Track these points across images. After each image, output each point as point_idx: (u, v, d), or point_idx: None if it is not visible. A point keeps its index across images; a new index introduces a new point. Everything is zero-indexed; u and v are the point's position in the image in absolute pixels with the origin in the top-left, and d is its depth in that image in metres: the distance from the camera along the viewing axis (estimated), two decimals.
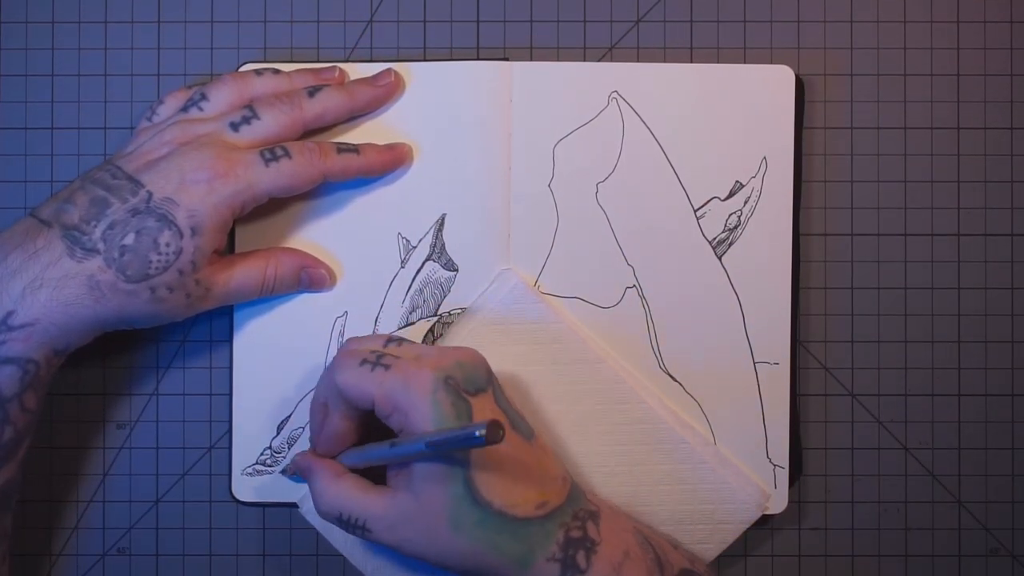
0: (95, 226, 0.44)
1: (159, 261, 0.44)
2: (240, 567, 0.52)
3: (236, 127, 0.47)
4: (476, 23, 0.53)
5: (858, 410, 0.53)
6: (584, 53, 0.52)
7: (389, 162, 0.50)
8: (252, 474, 0.51)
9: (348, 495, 0.45)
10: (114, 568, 0.52)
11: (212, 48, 0.52)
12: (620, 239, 0.51)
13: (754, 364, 0.51)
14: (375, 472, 0.46)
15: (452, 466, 0.42)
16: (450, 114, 0.51)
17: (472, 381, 0.44)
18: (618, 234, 0.51)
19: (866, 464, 0.53)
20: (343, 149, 0.49)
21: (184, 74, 0.52)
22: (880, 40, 0.53)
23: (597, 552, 0.44)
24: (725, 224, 0.51)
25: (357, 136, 0.51)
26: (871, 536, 0.53)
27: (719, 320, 0.51)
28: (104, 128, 0.52)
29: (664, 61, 0.52)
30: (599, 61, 0.52)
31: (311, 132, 0.49)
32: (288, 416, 0.51)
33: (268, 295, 0.50)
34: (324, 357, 0.51)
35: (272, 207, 0.50)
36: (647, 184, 0.51)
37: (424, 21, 0.53)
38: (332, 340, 0.51)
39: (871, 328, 0.52)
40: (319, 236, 0.51)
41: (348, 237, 0.51)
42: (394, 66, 0.51)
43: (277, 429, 0.51)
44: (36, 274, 0.43)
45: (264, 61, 0.52)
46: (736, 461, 0.51)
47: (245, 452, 0.51)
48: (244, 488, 0.51)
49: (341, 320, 0.51)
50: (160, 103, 0.49)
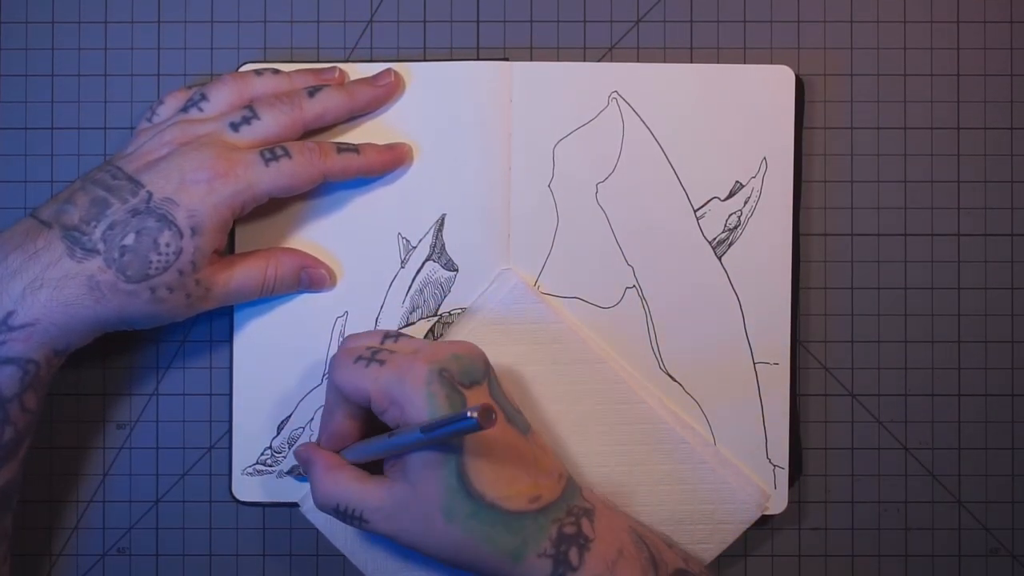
0: (95, 226, 0.44)
1: (159, 261, 0.44)
2: (240, 567, 0.52)
3: (236, 127, 0.47)
4: (476, 23, 0.53)
5: (858, 410, 0.53)
6: (584, 53, 0.52)
7: (389, 162, 0.50)
8: (252, 474, 0.51)
9: (345, 485, 0.45)
10: (114, 568, 0.52)
11: (212, 48, 0.52)
12: (620, 239, 0.51)
13: (754, 364, 0.51)
14: (374, 467, 0.46)
15: (446, 457, 0.42)
16: (450, 114, 0.51)
17: (468, 374, 0.44)
18: (618, 234, 0.51)
19: (866, 464, 0.53)
20: (343, 149, 0.49)
21: (184, 74, 0.52)
22: (880, 40, 0.53)
23: (591, 549, 0.44)
24: (725, 224, 0.51)
25: (357, 136, 0.51)
26: (871, 536, 0.53)
27: (719, 320, 0.51)
28: (104, 128, 0.52)
29: (664, 61, 0.52)
30: (599, 61, 0.52)
31: (311, 132, 0.49)
32: (288, 416, 0.51)
33: (268, 295, 0.50)
34: (324, 357, 0.51)
35: (272, 207, 0.50)
36: (647, 184, 0.51)
37: (424, 21, 0.53)
38: (332, 340, 0.51)
39: (871, 328, 0.52)
40: (319, 236, 0.51)
41: (348, 237, 0.51)
42: (394, 66, 0.51)
43: (277, 429, 0.51)
44: (36, 274, 0.43)
45: (264, 61, 0.52)
46: (736, 461, 0.51)
47: (245, 452, 0.51)
48: (244, 488, 0.51)
49: (341, 320, 0.51)
50: (160, 103, 0.49)
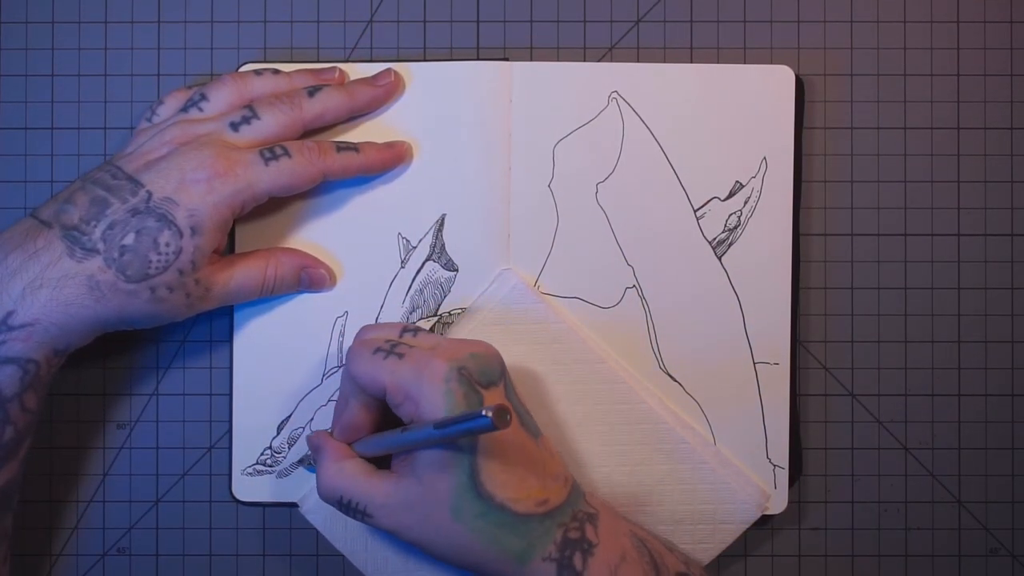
0: (95, 226, 0.44)
1: (159, 261, 0.44)
2: (240, 567, 0.52)
3: (236, 127, 0.47)
4: (476, 23, 0.53)
5: (858, 410, 0.53)
6: (584, 53, 0.52)
7: (389, 160, 0.50)
8: (252, 474, 0.51)
9: (352, 477, 0.45)
10: (114, 568, 0.52)
11: (212, 48, 0.52)
12: (620, 239, 0.51)
13: (754, 364, 0.51)
14: (381, 463, 0.46)
15: (458, 456, 0.42)
16: (450, 114, 0.51)
17: (485, 374, 0.44)
18: (618, 234, 0.51)
19: (866, 464, 0.53)
20: (343, 148, 0.49)
21: (184, 74, 0.52)
22: (880, 40, 0.53)
23: (594, 555, 0.44)
24: (725, 224, 0.51)
25: (357, 136, 0.51)
26: (871, 536, 0.53)
27: (719, 320, 0.51)
28: (104, 128, 0.52)
29: (664, 61, 0.52)
30: (599, 61, 0.52)
31: (311, 132, 0.49)
32: (288, 416, 0.51)
33: (268, 295, 0.50)
34: (324, 357, 0.51)
35: (272, 207, 0.50)
36: (647, 184, 0.51)
37: (424, 21, 0.53)
38: (332, 340, 0.51)
39: (871, 328, 0.52)
40: (319, 236, 0.51)
41: (348, 237, 0.51)
42: (394, 66, 0.51)
43: (277, 429, 0.51)
44: (36, 274, 0.43)
45: (264, 61, 0.52)
46: (736, 461, 0.51)
47: (245, 452, 0.51)
48: (244, 488, 0.51)
49: (341, 320, 0.51)
50: (160, 103, 0.49)
